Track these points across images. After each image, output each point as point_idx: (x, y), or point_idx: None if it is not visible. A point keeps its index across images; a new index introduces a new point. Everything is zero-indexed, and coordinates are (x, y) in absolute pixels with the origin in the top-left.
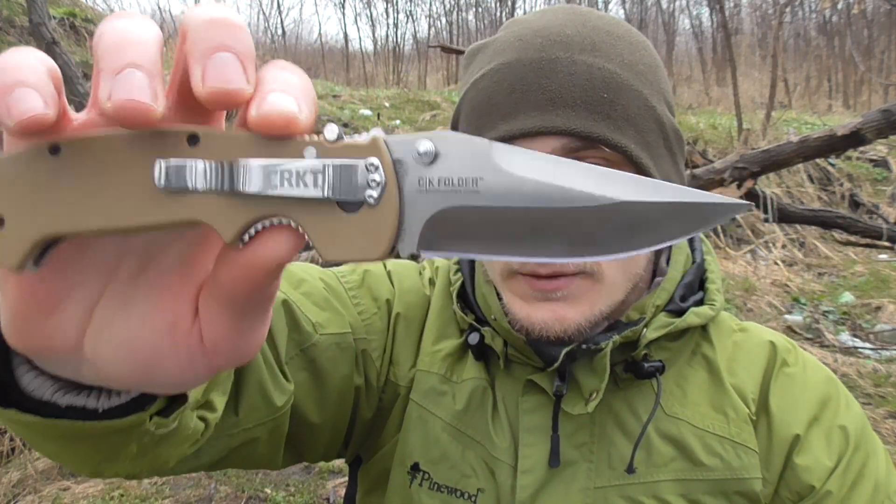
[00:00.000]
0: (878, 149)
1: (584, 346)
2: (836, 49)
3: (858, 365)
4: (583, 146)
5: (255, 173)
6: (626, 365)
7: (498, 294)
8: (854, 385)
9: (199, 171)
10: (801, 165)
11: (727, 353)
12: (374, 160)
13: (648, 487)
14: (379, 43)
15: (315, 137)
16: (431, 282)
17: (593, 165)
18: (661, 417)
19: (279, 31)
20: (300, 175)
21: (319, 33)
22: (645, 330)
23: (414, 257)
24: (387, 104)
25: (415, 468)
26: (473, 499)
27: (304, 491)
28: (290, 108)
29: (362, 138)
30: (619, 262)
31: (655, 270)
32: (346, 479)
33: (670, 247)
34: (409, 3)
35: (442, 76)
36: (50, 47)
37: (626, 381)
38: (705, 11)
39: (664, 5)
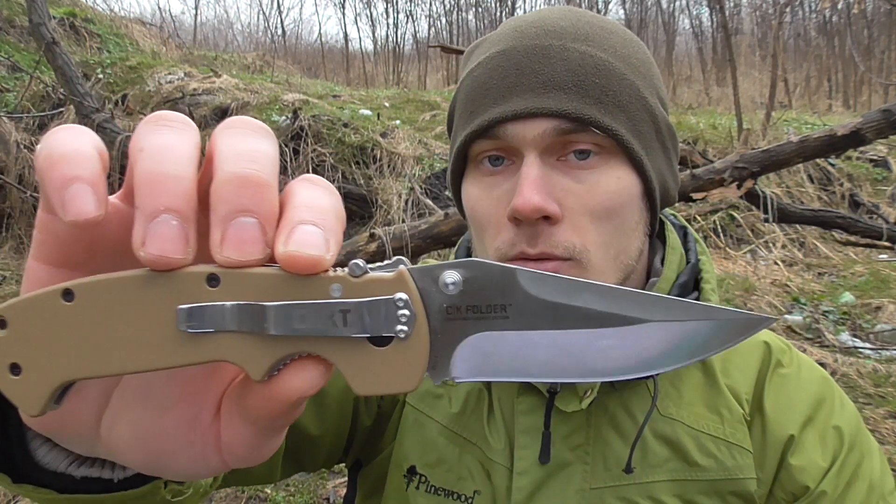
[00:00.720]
0: (878, 149)
1: None
2: (836, 49)
3: (858, 365)
4: (574, 128)
5: (283, 315)
6: None
7: None
8: (854, 385)
9: (225, 314)
10: (801, 165)
11: (722, 354)
12: (402, 295)
13: (644, 488)
14: (379, 43)
15: (340, 272)
16: None
17: (619, 287)
18: (656, 418)
19: (279, 31)
20: (329, 315)
21: (319, 33)
22: None
23: (445, 383)
24: (387, 104)
25: (411, 471)
26: (470, 501)
27: (304, 491)
28: (318, 248)
29: (387, 272)
30: (606, 249)
31: (650, 270)
32: (346, 478)
33: (664, 246)
34: (409, 3)
35: (442, 76)
36: (50, 47)
37: (622, 381)
38: (705, 11)
39: (664, 5)
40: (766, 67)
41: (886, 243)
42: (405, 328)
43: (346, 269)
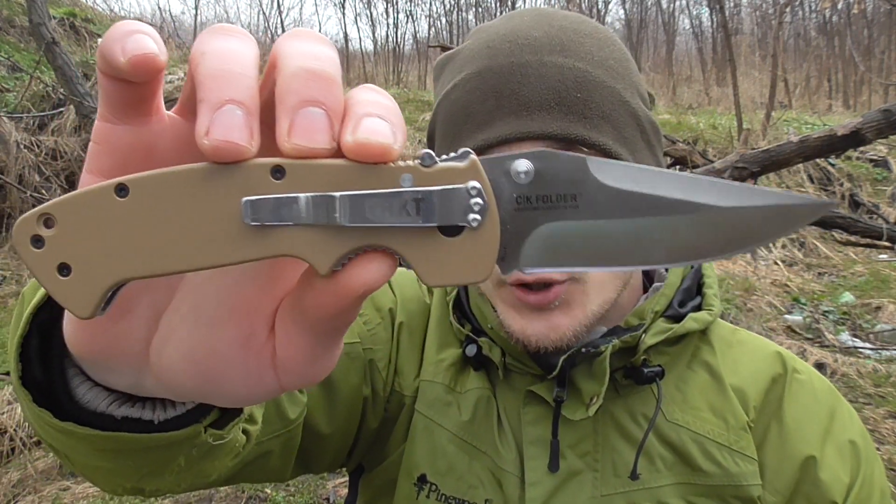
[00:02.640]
0: (878, 149)
1: (583, 350)
2: (836, 49)
3: (858, 365)
4: (561, 147)
5: (354, 206)
6: (626, 371)
7: (492, 304)
8: (854, 385)
9: (292, 206)
10: (801, 165)
11: (730, 356)
12: (475, 184)
13: (652, 493)
14: (379, 43)
15: (410, 163)
16: (430, 290)
17: (685, 173)
18: (661, 423)
19: (279, 31)
20: (401, 205)
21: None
22: (644, 335)
23: (517, 271)
24: None
25: (422, 480)
26: None
27: (304, 491)
28: (386, 136)
29: (459, 161)
30: None
31: (653, 275)
32: (347, 478)
33: None
34: (409, 3)
35: (433, 80)
36: (50, 47)
37: (626, 387)
38: (705, 11)
39: (664, 5)
40: (766, 67)
41: (886, 243)
42: (478, 217)
43: (416, 161)
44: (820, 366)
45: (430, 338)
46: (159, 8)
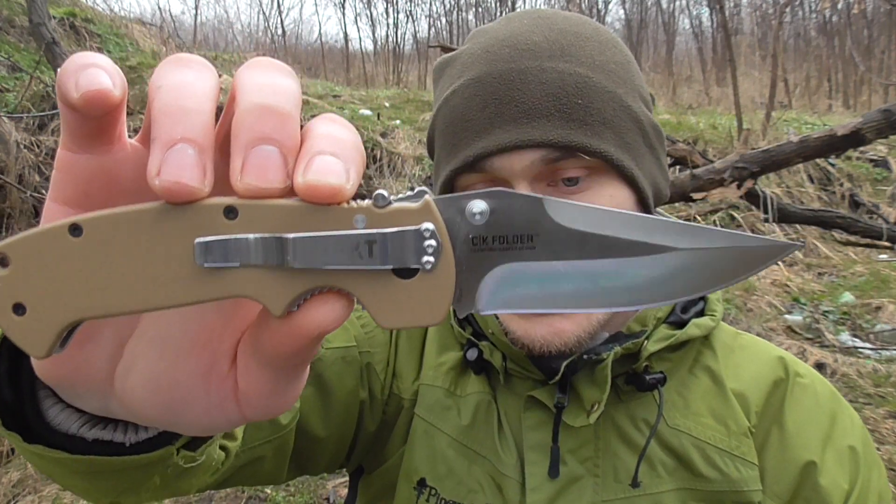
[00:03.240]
0: (878, 149)
1: (585, 357)
2: (836, 49)
3: (858, 365)
4: (562, 156)
5: (305, 248)
6: (628, 377)
7: None
8: (854, 385)
9: (244, 247)
10: (801, 165)
11: (732, 361)
12: (429, 225)
13: (653, 498)
14: (379, 43)
15: (363, 203)
16: None
17: (647, 216)
18: (662, 429)
19: (279, 31)
20: (354, 247)
21: (319, 33)
22: (646, 342)
23: (472, 314)
24: (387, 104)
25: (421, 484)
26: None
27: (304, 491)
28: (338, 176)
29: (413, 203)
30: None
31: None
32: (347, 478)
33: None
34: (409, 3)
35: (433, 83)
36: (50, 47)
37: (628, 393)
38: (705, 11)
39: (664, 5)
40: (766, 67)
41: (886, 243)
42: (431, 259)
43: (369, 201)
44: (820, 366)
45: (429, 341)
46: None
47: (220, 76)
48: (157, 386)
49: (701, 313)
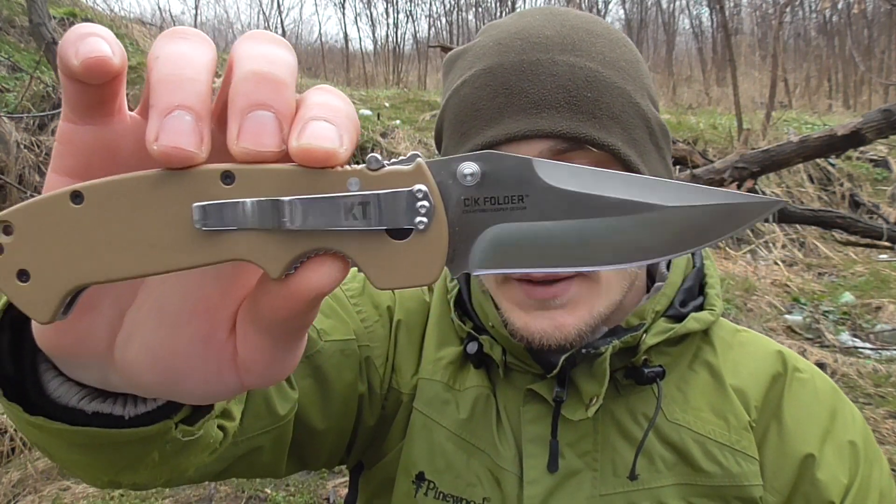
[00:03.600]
0: (878, 149)
1: (583, 351)
2: (836, 49)
3: (858, 365)
4: (569, 147)
5: (300, 209)
6: (627, 371)
7: (495, 302)
8: (854, 385)
9: (241, 211)
10: (801, 165)
11: (731, 356)
12: (421, 187)
13: (652, 493)
14: (379, 43)
15: (357, 167)
16: (430, 288)
17: (634, 175)
18: (662, 423)
19: (279, 31)
20: (348, 208)
21: (319, 33)
22: (645, 335)
23: (465, 275)
24: (387, 104)
25: (420, 477)
26: None
27: (304, 491)
28: (332, 141)
29: (405, 165)
30: None
31: (654, 274)
32: (347, 478)
33: None
34: (409, 3)
35: (442, 76)
36: (50, 47)
37: (627, 387)
38: (705, 11)
39: (664, 5)
40: (766, 67)
41: (886, 243)
42: (424, 220)
43: (363, 165)
44: (820, 366)
45: (429, 336)
46: (159, 8)
47: (220, 76)
48: (157, 354)
49: (700, 307)
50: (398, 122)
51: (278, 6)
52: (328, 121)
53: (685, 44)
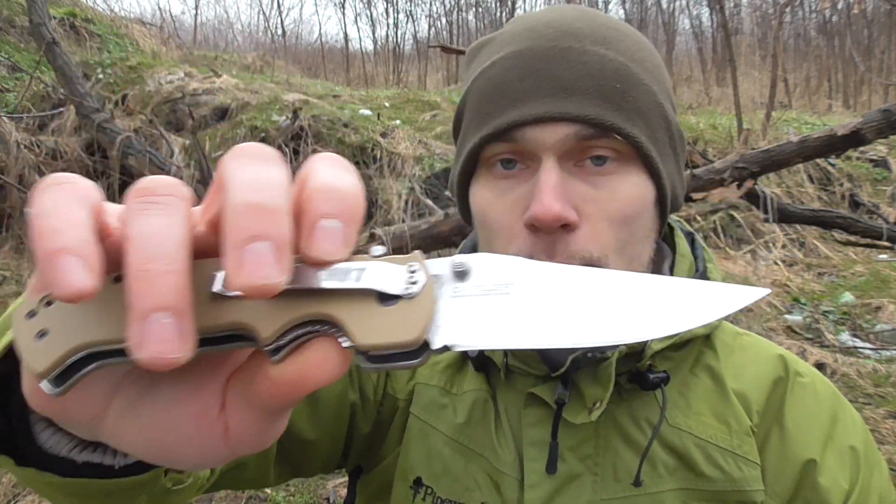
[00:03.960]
0: (878, 149)
1: (589, 355)
2: (836, 49)
3: (858, 365)
4: (595, 134)
5: (303, 274)
6: (631, 376)
7: None
8: (854, 385)
9: None
10: (801, 165)
11: (732, 361)
12: (416, 263)
13: (653, 498)
14: (379, 43)
15: (361, 258)
16: None
17: (621, 281)
18: (664, 428)
19: (279, 31)
20: (344, 272)
21: (319, 33)
22: (650, 340)
23: (446, 348)
24: (387, 104)
25: (417, 483)
26: None
27: (304, 491)
28: (341, 251)
29: (404, 255)
30: (622, 255)
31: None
32: (347, 478)
33: (673, 255)
34: (409, 3)
35: (442, 76)
36: (50, 47)
37: (630, 391)
38: (705, 11)
39: (664, 5)
40: (766, 67)
41: (886, 243)
42: (413, 289)
43: (367, 255)
44: (820, 366)
45: None
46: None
47: (220, 76)
48: (150, 430)
49: None
50: (398, 122)
51: (278, 6)
52: (336, 217)
53: (685, 44)
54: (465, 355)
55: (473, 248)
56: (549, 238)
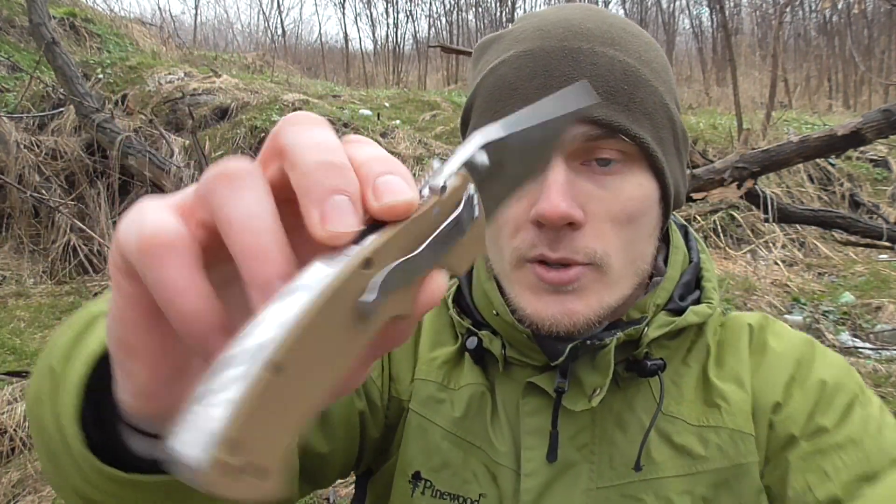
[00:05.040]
0: (878, 149)
1: (588, 342)
2: (836, 49)
3: (858, 365)
4: (602, 134)
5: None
6: (628, 364)
7: (501, 291)
8: None
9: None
10: (801, 165)
11: (722, 344)
12: (471, 191)
13: (650, 485)
14: (379, 43)
15: (429, 198)
16: None
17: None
18: (659, 416)
19: (279, 31)
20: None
21: (319, 33)
22: (646, 329)
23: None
24: (387, 104)
25: (416, 477)
26: None
27: None
28: (405, 191)
29: (451, 178)
30: (625, 254)
31: (653, 271)
32: (347, 478)
33: (668, 247)
34: (409, 3)
35: (442, 76)
36: (50, 47)
37: (627, 380)
38: (705, 11)
39: (664, 5)
40: (766, 67)
41: (886, 243)
42: (476, 211)
43: (428, 191)
44: None
45: (423, 339)
46: (159, 8)
47: (220, 76)
48: None
49: (698, 301)
50: (398, 122)
51: (278, 6)
52: (391, 173)
53: (685, 44)
54: (462, 349)
55: None
56: (554, 234)
